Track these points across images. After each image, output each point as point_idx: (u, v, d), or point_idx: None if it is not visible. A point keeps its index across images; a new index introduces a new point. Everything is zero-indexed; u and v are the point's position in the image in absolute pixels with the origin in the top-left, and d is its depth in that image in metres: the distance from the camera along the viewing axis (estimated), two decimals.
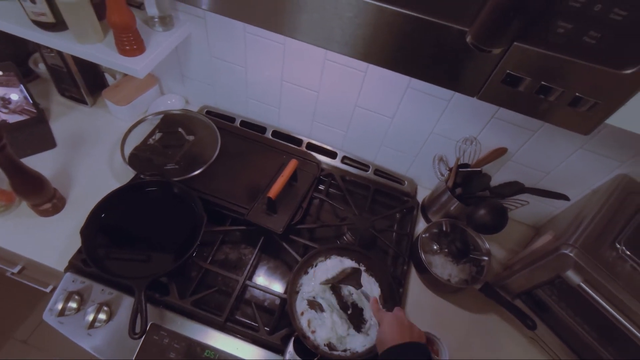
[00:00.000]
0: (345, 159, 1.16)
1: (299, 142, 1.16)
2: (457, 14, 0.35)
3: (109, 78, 1.14)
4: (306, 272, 0.90)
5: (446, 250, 1.00)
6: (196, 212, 0.90)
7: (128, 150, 1.01)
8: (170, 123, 1.09)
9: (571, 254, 0.74)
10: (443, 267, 0.98)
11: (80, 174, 1.02)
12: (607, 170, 0.91)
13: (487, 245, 0.95)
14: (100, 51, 0.85)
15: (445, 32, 0.36)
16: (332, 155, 1.16)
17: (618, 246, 0.74)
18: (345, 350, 0.80)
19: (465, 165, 0.97)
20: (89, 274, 0.84)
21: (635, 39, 0.32)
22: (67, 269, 0.85)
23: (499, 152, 0.97)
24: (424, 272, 0.97)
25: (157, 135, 1.04)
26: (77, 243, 0.82)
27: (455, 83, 0.40)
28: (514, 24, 0.29)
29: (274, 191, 0.91)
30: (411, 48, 0.40)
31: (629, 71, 0.33)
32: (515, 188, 0.94)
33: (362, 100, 1.00)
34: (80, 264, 0.84)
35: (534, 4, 0.28)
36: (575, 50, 0.34)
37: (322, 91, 1.01)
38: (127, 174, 0.99)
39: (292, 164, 0.97)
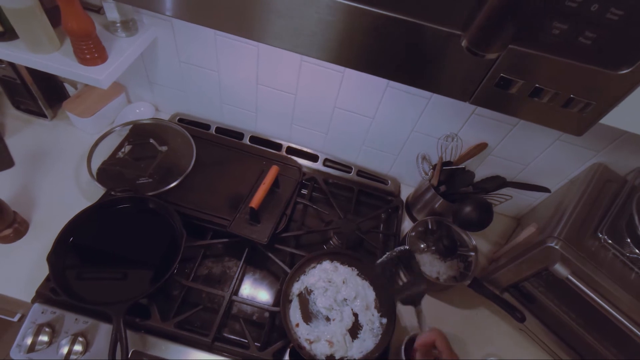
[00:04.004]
0: (327, 162, 1.13)
1: (278, 146, 1.13)
2: (446, 16, 0.33)
3: (69, 88, 1.06)
4: (298, 280, 0.87)
5: (433, 248, 0.99)
6: (175, 228, 0.85)
7: (96, 166, 0.95)
8: (140, 133, 1.03)
9: (557, 247, 0.74)
10: (431, 264, 0.98)
11: (44, 194, 0.94)
12: (583, 160, 0.93)
13: (474, 242, 0.95)
14: (56, 61, 0.78)
15: (434, 36, 0.34)
16: (313, 158, 1.13)
17: (600, 235, 0.76)
18: (342, 359, 0.78)
19: (449, 163, 0.97)
20: (60, 303, 0.77)
21: (631, 39, 0.31)
22: (34, 300, 0.78)
23: (480, 147, 0.97)
24: None
25: (127, 148, 0.98)
26: (44, 270, 0.76)
27: (446, 88, 0.38)
28: (513, 27, 0.27)
29: (256, 200, 0.87)
30: (397, 53, 0.37)
31: (624, 71, 0.33)
32: (497, 182, 0.94)
33: (341, 101, 0.97)
34: (50, 293, 0.77)
35: (534, 5, 0.26)
36: (570, 51, 0.32)
37: (300, 93, 0.98)
38: (96, 191, 0.92)
39: (274, 171, 0.94)
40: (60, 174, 0.98)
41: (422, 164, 0.98)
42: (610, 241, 0.75)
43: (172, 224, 0.86)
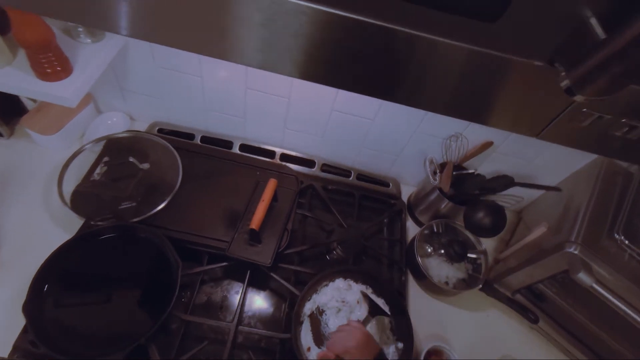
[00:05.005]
0: (324, 167, 1.06)
1: (271, 154, 1.04)
2: (533, 45, 0.26)
3: (27, 102, 0.92)
4: (309, 299, 0.82)
5: (441, 251, 0.96)
6: (168, 257, 0.76)
7: (68, 190, 0.83)
8: (116, 149, 0.91)
9: (576, 252, 0.72)
10: (439, 268, 0.95)
11: (9, 227, 0.82)
12: (588, 153, 0.91)
13: (484, 246, 0.92)
14: (10, 77, 0.66)
15: (521, 69, 0.28)
16: (309, 164, 1.06)
17: (617, 236, 0.74)
18: None
19: (458, 167, 0.93)
20: (43, 357, 0.68)
21: None
22: (12, 355, 0.68)
23: (486, 146, 0.93)
24: (423, 279, 0.93)
25: (102, 168, 0.87)
26: (20, 319, 0.66)
27: (511, 123, 0.32)
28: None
29: (256, 221, 0.80)
30: (475, 89, 0.31)
31: None
32: (505, 182, 0.91)
33: (340, 104, 0.90)
34: (29, 346, 0.67)
35: None
36: None
37: (294, 97, 0.90)
38: (72, 220, 0.81)
39: (272, 185, 0.86)
40: (27, 202, 0.86)
41: (429, 168, 0.93)
42: (627, 242, 0.73)
43: (164, 253, 0.77)
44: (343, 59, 0.30)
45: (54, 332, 0.66)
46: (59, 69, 0.66)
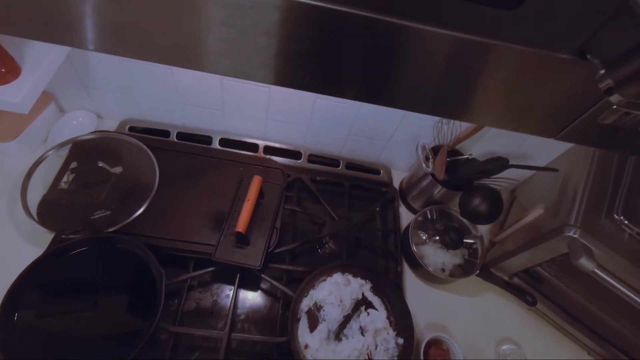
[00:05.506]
0: (311, 157, 1.01)
1: (254, 147, 0.98)
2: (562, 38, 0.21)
3: None
4: (307, 295, 0.78)
5: (436, 237, 0.94)
6: (150, 268, 0.71)
7: (34, 201, 0.77)
8: (83, 153, 0.84)
9: (576, 236, 0.70)
10: (435, 255, 0.93)
11: None
12: None
13: (480, 232, 0.90)
14: None
15: (555, 65, 0.23)
16: (295, 155, 1.00)
17: (616, 217, 0.72)
18: None
19: (452, 152, 0.89)
20: None
21: None
22: None
23: (479, 127, 0.89)
24: (419, 268, 0.90)
25: (70, 176, 0.80)
26: None
27: (525, 125, 0.27)
28: None
29: (242, 223, 0.75)
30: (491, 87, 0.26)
31: None
32: (500, 164, 0.87)
33: None
34: None
35: None
36: None
37: (275, 86, 0.83)
38: (40, 234, 0.75)
39: (256, 183, 0.81)
40: None
41: (422, 155, 0.89)
42: (626, 222, 0.71)
43: (146, 263, 0.72)
44: (342, 61, 0.25)
45: (31, 357, 0.61)
46: (3, 70, 0.58)
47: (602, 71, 0.19)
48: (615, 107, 0.25)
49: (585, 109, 0.25)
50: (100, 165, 0.80)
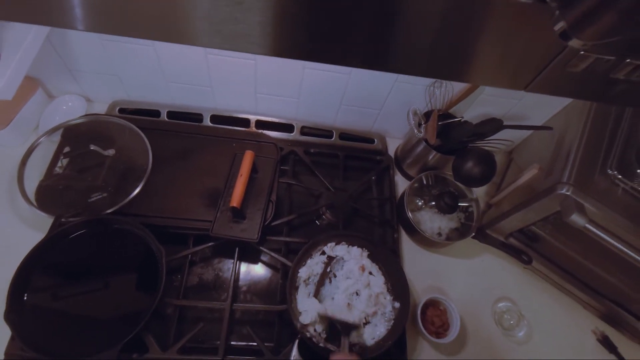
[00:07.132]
0: (304, 129, 1.00)
1: (246, 122, 0.98)
2: None
3: None
4: (304, 264, 0.80)
5: (432, 203, 0.94)
6: (150, 246, 0.73)
7: (31, 188, 0.78)
8: (75, 138, 0.84)
9: (568, 193, 0.70)
10: (431, 221, 0.93)
11: None
12: None
13: (475, 195, 0.90)
14: None
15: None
16: (288, 128, 0.99)
17: (610, 172, 0.72)
18: (354, 345, 0.75)
19: (443, 116, 0.87)
20: None
21: None
22: None
23: (472, 89, 0.87)
24: (415, 234, 0.91)
25: (64, 160, 0.80)
26: (5, 328, 0.64)
27: (492, 78, 0.27)
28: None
29: (236, 198, 0.76)
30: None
31: None
32: (494, 125, 0.86)
33: None
34: (22, 353, 0.66)
35: None
36: None
37: (261, 57, 0.82)
38: (41, 219, 0.76)
39: (249, 157, 0.81)
40: None
41: (413, 120, 0.88)
42: (620, 176, 0.71)
43: (146, 242, 0.74)
44: (333, 25, 0.24)
45: (43, 336, 0.65)
46: None
47: (557, 12, 0.19)
48: (582, 53, 0.24)
49: (551, 58, 0.24)
50: (92, 148, 0.80)
